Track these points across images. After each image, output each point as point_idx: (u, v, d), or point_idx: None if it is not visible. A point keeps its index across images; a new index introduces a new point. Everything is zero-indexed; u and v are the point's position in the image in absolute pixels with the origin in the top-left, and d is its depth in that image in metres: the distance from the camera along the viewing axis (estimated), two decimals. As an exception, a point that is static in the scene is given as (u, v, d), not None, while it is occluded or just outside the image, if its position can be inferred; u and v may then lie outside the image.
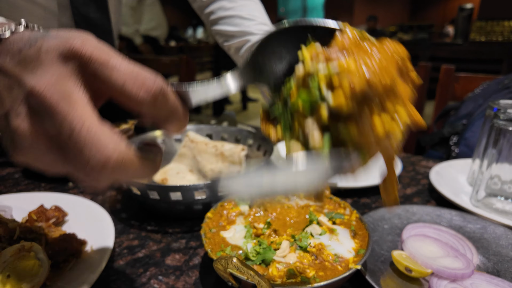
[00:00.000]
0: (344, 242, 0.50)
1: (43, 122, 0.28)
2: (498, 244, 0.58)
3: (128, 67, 0.29)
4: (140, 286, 0.51)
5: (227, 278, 0.41)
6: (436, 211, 0.66)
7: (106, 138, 0.28)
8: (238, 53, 0.91)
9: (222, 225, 0.55)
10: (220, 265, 0.40)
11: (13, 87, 0.29)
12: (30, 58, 0.29)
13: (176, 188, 0.61)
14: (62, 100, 0.27)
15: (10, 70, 0.29)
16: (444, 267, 0.50)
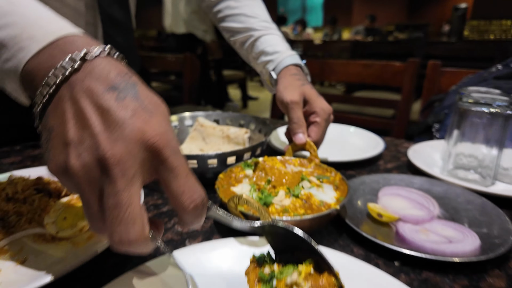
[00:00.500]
0: (328, 192, 0.63)
1: (97, 181, 0.32)
2: (456, 201, 0.71)
3: (187, 180, 0.34)
4: (166, 230, 0.63)
5: (237, 215, 0.54)
6: (410, 178, 0.79)
7: (139, 222, 0.33)
8: (242, 47, 1.03)
9: (231, 183, 0.68)
10: (233, 202, 0.53)
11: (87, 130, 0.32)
12: (116, 118, 0.32)
13: (193, 156, 0.74)
14: (125, 176, 0.31)
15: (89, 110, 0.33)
16: (409, 214, 0.63)
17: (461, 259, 0.52)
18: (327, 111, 0.79)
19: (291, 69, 0.87)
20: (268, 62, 0.92)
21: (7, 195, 0.63)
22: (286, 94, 0.79)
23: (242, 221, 0.45)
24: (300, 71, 0.89)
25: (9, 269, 0.51)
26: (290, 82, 0.83)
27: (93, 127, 0.32)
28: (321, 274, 0.39)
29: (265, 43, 0.95)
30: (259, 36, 0.97)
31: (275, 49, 0.93)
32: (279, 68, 0.89)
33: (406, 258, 0.55)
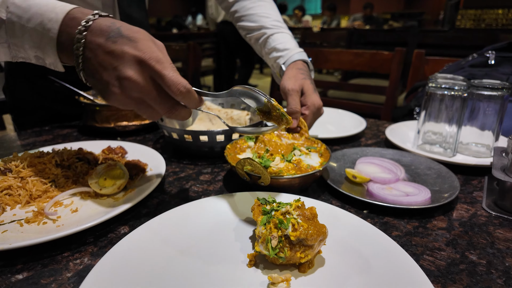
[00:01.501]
0: (314, 159, 0.79)
1: (131, 92, 0.54)
2: (419, 168, 0.87)
3: (172, 78, 0.53)
4: (185, 190, 0.79)
5: (243, 175, 0.69)
6: (384, 150, 0.95)
7: (182, 78, 0.55)
8: (257, 43, 1.15)
9: (237, 152, 0.83)
10: (240, 164, 0.68)
11: (109, 69, 0.53)
12: (117, 53, 0.53)
13: (204, 132, 0.89)
14: (145, 82, 0.54)
15: (102, 56, 0.54)
16: (379, 176, 0.79)
17: (412, 206, 0.68)
18: (317, 106, 0.89)
19: (298, 63, 0.99)
20: (279, 57, 1.04)
21: (56, 162, 0.78)
22: (288, 83, 0.91)
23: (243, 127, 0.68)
24: (305, 67, 0.98)
25: (67, 216, 0.67)
26: (294, 74, 0.94)
27: (113, 65, 0.53)
28: (306, 208, 0.55)
29: (276, 40, 1.06)
30: (271, 34, 1.09)
31: (285, 47, 1.05)
32: (288, 62, 1.00)
33: (372, 207, 0.72)
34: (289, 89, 0.89)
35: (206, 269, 0.52)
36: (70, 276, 0.52)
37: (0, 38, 0.58)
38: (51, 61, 0.60)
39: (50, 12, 0.56)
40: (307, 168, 0.75)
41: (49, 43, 0.57)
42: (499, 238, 0.63)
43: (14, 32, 0.57)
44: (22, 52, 0.60)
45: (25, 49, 0.59)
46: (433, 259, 0.57)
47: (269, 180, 0.67)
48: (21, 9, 0.56)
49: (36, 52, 0.59)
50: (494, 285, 0.51)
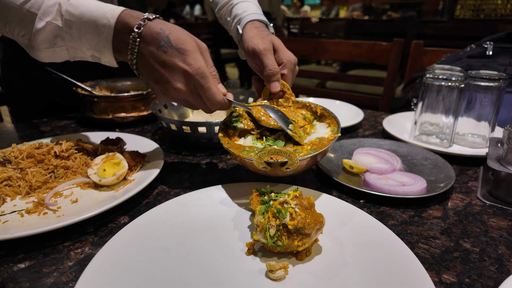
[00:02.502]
0: (321, 130, 0.74)
1: (190, 85, 0.63)
2: (416, 158, 0.88)
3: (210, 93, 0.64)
4: (184, 180, 0.80)
5: (261, 165, 0.61)
6: (380, 141, 0.96)
7: (219, 93, 0.65)
8: (225, 18, 1.04)
9: (232, 139, 0.78)
10: (259, 158, 0.60)
11: (163, 79, 0.63)
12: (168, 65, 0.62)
13: (203, 123, 0.89)
14: (189, 92, 0.64)
15: (156, 66, 0.62)
16: (375, 167, 0.80)
17: (408, 196, 0.69)
18: (293, 62, 0.82)
19: (255, 22, 0.88)
20: (237, 21, 0.94)
21: (55, 153, 0.79)
22: (257, 42, 0.80)
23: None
24: (264, 27, 0.88)
25: (67, 206, 0.68)
26: (256, 32, 0.84)
27: (164, 76, 0.63)
28: (304, 198, 0.55)
29: (240, 9, 0.97)
30: (237, 3, 0.98)
31: (244, 10, 0.94)
32: (244, 22, 0.90)
33: (369, 197, 0.73)
34: (262, 49, 0.79)
35: (205, 258, 0.53)
36: (71, 265, 0.53)
37: (59, 43, 0.64)
38: (107, 60, 0.67)
39: (102, 18, 0.61)
40: (320, 141, 0.70)
41: (106, 46, 0.63)
42: (492, 226, 0.64)
43: (72, 37, 0.63)
44: (79, 53, 0.66)
45: (83, 51, 0.66)
46: (428, 247, 0.58)
47: (297, 164, 0.61)
48: (75, 16, 0.61)
49: (93, 53, 0.66)
50: (486, 272, 0.53)
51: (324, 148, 0.65)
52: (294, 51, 0.95)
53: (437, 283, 0.50)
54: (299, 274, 0.50)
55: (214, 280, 0.48)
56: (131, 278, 0.48)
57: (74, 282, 0.49)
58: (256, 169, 0.65)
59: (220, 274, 0.50)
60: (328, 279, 0.49)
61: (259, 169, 0.63)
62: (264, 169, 0.63)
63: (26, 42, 0.64)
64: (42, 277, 0.51)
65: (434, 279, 0.51)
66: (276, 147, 0.60)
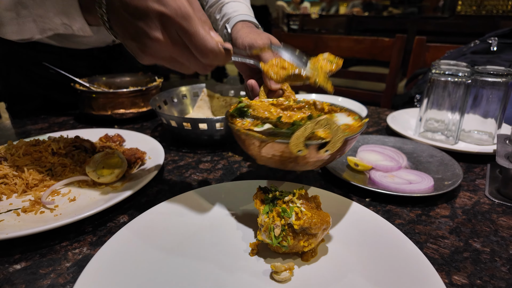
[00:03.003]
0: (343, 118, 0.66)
1: (172, 32, 0.48)
2: (421, 155, 0.86)
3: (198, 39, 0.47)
4: (185, 178, 0.78)
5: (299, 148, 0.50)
6: (385, 138, 0.94)
7: (209, 38, 0.48)
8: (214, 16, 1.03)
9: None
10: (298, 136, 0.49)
11: (138, 31, 0.48)
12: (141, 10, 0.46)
13: (203, 120, 0.87)
14: (172, 43, 0.48)
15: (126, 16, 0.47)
16: (381, 164, 0.78)
17: (415, 194, 0.67)
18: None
19: (246, 23, 0.87)
20: (226, 20, 0.93)
21: (52, 150, 0.77)
22: (254, 37, 0.77)
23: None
24: (255, 27, 0.87)
25: (64, 205, 0.66)
26: (251, 30, 0.82)
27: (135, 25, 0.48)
28: (310, 197, 0.53)
29: (230, 8, 0.96)
30: (228, 2, 0.99)
31: (234, 10, 0.93)
32: (234, 21, 0.88)
33: (374, 195, 0.71)
34: (262, 43, 0.76)
35: (207, 259, 0.51)
36: (69, 266, 0.51)
37: (24, 11, 0.56)
38: (79, 26, 0.57)
39: None
40: (349, 127, 0.62)
41: (72, 5, 0.54)
42: (502, 226, 0.62)
43: (35, 1, 0.55)
44: (48, 23, 0.57)
45: (50, 18, 0.57)
46: (437, 247, 0.57)
47: (341, 142, 0.51)
48: None
49: (62, 19, 0.57)
50: (498, 273, 0.51)
51: (362, 129, 0.57)
52: (295, 47, 0.92)
53: (448, 285, 0.49)
54: (305, 275, 0.48)
55: (217, 282, 0.47)
56: (131, 280, 0.46)
57: (72, 283, 0.48)
58: (283, 160, 0.55)
59: (223, 275, 0.48)
60: (335, 281, 0.47)
61: (294, 153, 0.51)
62: (299, 153, 0.51)
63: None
64: (39, 278, 0.49)
65: (445, 281, 0.49)
66: (325, 116, 0.50)
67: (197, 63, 0.52)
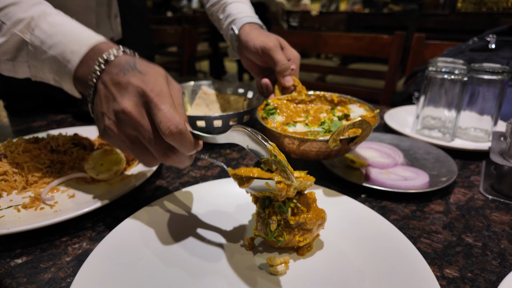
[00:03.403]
0: (356, 110, 0.79)
1: (125, 128, 0.49)
2: (418, 152, 0.87)
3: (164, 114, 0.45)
4: (183, 175, 0.79)
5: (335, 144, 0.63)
6: (382, 135, 0.95)
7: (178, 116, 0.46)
8: (216, 15, 1.06)
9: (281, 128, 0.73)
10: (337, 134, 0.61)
11: (110, 100, 0.49)
12: (122, 85, 0.48)
13: (201, 117, 0.88)
14: (140, 116, 0.47)
15: (110, 87, 0.49)
16: (377, 161, 0.79)
17: (410, 191, 0.68)
18: (298, 58, 0.86)
19: (254, 25, 0.91)
20: (232, 21, 0.96)
21: (51, 148, 0.78)
22: (265, 40, 0.82)
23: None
24: (261, 29, 0.91)
25: (64, 201, 0.67)
26: (260, 32, 0.86)
27: (114, 95, 0.49)
28: (305, 193, 0.54)
29: (234, 9, 0.98)
30: (231, 2, 1.01)
31: (239, 11, 0.96)
32: (241, 23, 0.91)
33: (370, 192, 0.72)
34: (272, 45, 0.81)
35: (205, 253, 0.52)
36: (69, 260, 0.52)
37: (21, 58, 0.58)
38: (68, 87, 0.59)
39: (73, 43, 0.54)
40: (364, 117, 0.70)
41: (67, 74, 0.56)
42: (495, 221, 0.63)
43: (36, 56, 0.57)
44: (41, 74, 0.60)
45: (44, 72, 0.59)
46: (430, 241, 0.58)
47: (369, 132, 0.64)
48: (46, 34, 0.55)
49: (55, 77, 0.59)
50: (489, 266, 0.52)
51: (378, 120, 0.70)
52: (294, 44, 0.95)
53: (440, 278, 0.50)
54: (300, 269, 0.50)
55: (214, 275, 0.48)
56: (130, 273, 0.47)
57: (72, 277, 0.49)
58: (317, 153, 0.66)
59: (220, 269, 0.49)
60: (329, 275, 0.48)
61: (331, 148, 0.64)
62: (335, 148, 0.64)
63: None
64: (40, 272, 0.50)
65: (437, 274, 0.50)
66: (360, 118, 0.61)
67: (159, 145, 0.49)
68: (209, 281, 0.47)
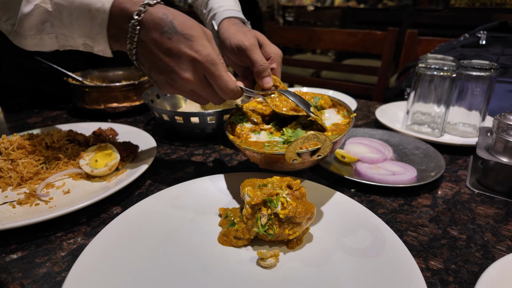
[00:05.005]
0: (332, 117, 0.72)
1: (185, 87, 0.59)
2: (407, 148, 0.88)
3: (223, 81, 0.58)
4: (177, 170, 0.80)
5: (292, 158, 0.57)
6: (372, 131, 0.97)
7: (231, 80, 0.59)
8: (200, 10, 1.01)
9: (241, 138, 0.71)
10: (293, 148, 0.56)
11: (168, 69, 0.57)
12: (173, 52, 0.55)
13: (195, 113, 0.89)
14: (201, 84, 0.59)
15: (160, 56, 0.56)
16: (367, 156, 0.81)
17: (398, 185, 0.70)
18: (280, 55, 0.80)
19: (232, 19, 0.86)
20: (212, 16, 0.91)
21: (46, 144, 0.78)
22: (241, 38, 0.77)
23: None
24: (242, 23, 0.86)
25: (59, 197, 0.68)
26: (237, 29, 0.81)
27: (170, 66, 0.57)
28: (295, 189, 0.56)
29: (216, 3, 0.93)
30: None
31: (220, 5, 0.91)
32: (220, 18, 0.87)
33: (360, 186, 0.73)
34: (248, 45, 0.75)
35: (197, 247, 0.54)
36: (64, 255, 0.53)
37: (47, 29, 0.57)
38: (101, 48, 0.61)
39: (95, 1, 0.55)
40: (337, 127, 0.67)
41: (100, 33, 0.57)
42: (480, 214, 0.65)
43: (63, 23, 0.57)
44: (70, 41, 0.60)
45: (74, 38, 0.59)
46: (416, 234, 0.59)
47: (330, 147, 0.58)
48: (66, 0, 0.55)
49: (86, 41, 0.60)
50: (472, 258, 0.54)
51: (349, 129, 0.64)
52: (288, 40, 0.95)
53: (424, 269, 0.52)
54: (290, 261, 0.51)
55: (206, 269, 0.49)
56: (124, 268, 0.48)
57: (66, 272, 0.50)
58: (281, 165, 0.63)
59: (211, 262, 0.50)
60: (317, 266, 0.50)
61: (288, 162, 0.59)
62: (294, 161, 0.59)
63: (9, 28, 0.58)
64: (35, 267, 0.51)
65: (422, 266, 0.52)
66: (312, 132, 0.57)
67: (215, 98, 0.62)
68: (201, 275, 0.48)
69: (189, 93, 0.62)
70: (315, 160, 0.62)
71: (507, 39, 1.38)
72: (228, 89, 0.59)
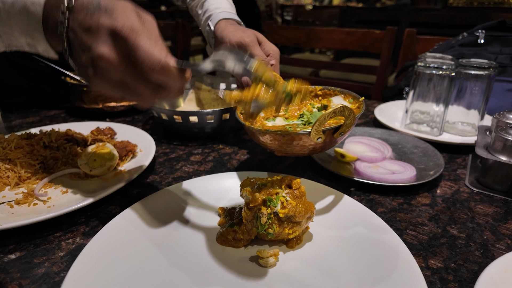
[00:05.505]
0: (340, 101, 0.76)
1: (109, 73, 0.45)
2: (406, 147, 0.88)
3: (144, 51, 0.43)
4: (176, 170, 0.80)
5: (318, 136, 0.57)
6: (372, 130, 0.96)
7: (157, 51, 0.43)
8: (196, 11, 1.03)
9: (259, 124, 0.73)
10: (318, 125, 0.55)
11: (86, 49, 0.45)
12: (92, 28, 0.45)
13: (194, 113, 0.88)
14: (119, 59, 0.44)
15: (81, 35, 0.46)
16: (366, 155, 0.81)
17: (397, 184, 0.70)
18: (278, 52, 0.82)
19: (230, 21, 0.88)
20: (208, 17, 0.92)
21: (44, 144, 0.78)
22: (241, 35, 0.78)
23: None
24: (238, 25, 0.88)
25: (57, 197, 0.67)
26: (236, 28, 0.83)
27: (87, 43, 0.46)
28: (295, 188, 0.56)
29: (212, 4, 0.95)
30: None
31: (216, 7, 0.93)
32: (216, 19, 0.88)
33: (359, 185, 0.73)
34: (249, 41, 0.77)
35: (197, 246, 0.53)
36: (62, 255, 0.53)
37: None
38: (43, 48, 0.56)
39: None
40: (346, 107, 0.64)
41: (37, 29, 0.52)
42: (479, 213, 0.65)
43: (1, 19, 0.53)
44: (13, 41, 0.56)
45: (16, 37, 0.55)
46: (416, 233, 0.59)
47: (352, 123, 0.58)
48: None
49: (27, 39, 0.55)
50: (472, 257, 0.54)
51: (362, 110, 0.64)
52: (287, 39, 0.94)
53: (424, 268, 0.52)
54: (289, 261, 0.51)
55: (206, 268, 0.49)
56: (123, 267, 0.48)
57: (65, 272, 0.49)
58: (301, 148, 0.60)
59: (211, 261, 0.50)
60: (317, 266, 0.50)
61: (310, 144, 0.58)
62: (319, 140, 0.57)
63: None
64: (33, 267, 0.51)
65: (421, 265, 0.52)
66: (341, 104, 0.55)
67: (147, 85, 0.47)
68: (200, 274, 0.48)
69: (119, 85, 0.48)
70: (336, 140, 0.61)
71: (505, 38, 1.38)
72: (150, 60, 0.43)
